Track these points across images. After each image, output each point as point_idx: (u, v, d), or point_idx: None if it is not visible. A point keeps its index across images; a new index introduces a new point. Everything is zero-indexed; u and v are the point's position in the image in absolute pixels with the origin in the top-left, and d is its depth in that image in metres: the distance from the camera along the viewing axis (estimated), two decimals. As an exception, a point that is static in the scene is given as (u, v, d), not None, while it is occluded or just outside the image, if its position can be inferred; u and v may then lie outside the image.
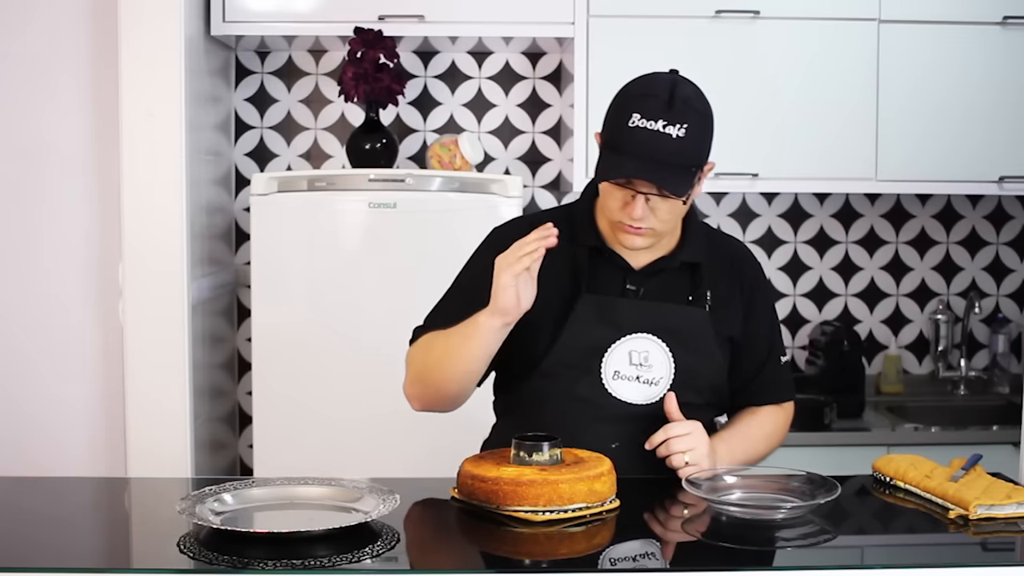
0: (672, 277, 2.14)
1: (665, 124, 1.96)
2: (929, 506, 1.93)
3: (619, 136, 1.99)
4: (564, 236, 2.06)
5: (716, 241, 2.24)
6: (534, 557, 1.77)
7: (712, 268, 2.16)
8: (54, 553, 1.73)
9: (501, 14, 3.40)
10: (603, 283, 2.12)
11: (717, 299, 2.15)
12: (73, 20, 3.27)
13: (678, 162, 1.99)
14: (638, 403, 2.10)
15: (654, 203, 2.02)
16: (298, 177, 3.20)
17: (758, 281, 2.24)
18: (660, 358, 2.10)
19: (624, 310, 2.10)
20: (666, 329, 2.10)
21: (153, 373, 3.15)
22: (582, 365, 2.09)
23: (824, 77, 3.46)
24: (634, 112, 1.98)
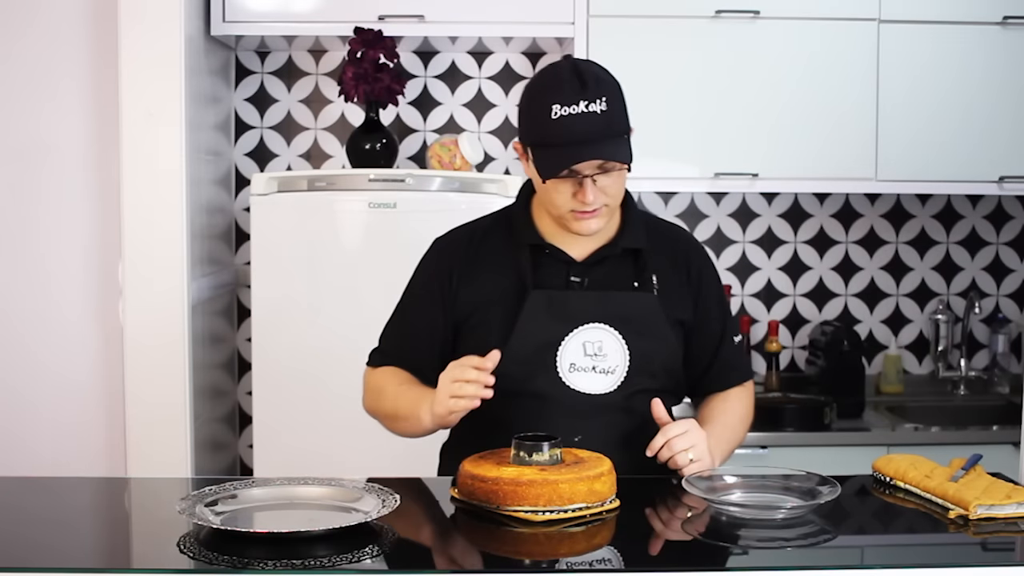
0: (615, 265, 2.16)
1: (587, 103, 2.00)
2: (929, 506, 1.93)
3: (547, 131, 2.02)
4: (504, 238, 2.15)
5: (658, 228, 2.27)
6: (534, 557, 1.77)
7: (655, 253, 2.18)
8: (54, 553, 1.73)
9: (501, 14, 3.40)
10: (548, 278, 2.14)
11: (664, 283, 2.17)
12: (73, 20, 3.27)
13: (611, 134, 2.03)
14: (597, 393, 2.11)
15: (601, 182, 2.05)
16: (298, 177, 3.20)
17: (704, 266, 2.26)
18: (614, 346, 2.11)
19: (573, 302, 2.12)
20: (617, 317, 2.12)
21: (153, 373, 3.15)
22: (537, 361, 2.10)
23: (824, 77, 3.46)
24: (552, 104, 2.01)
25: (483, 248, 2.20)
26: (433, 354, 2.20)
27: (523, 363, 2.10)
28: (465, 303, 2.17)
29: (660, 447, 2.04)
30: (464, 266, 2.18)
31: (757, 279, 3.87)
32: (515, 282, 2.13)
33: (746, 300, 3.86)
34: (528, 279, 2.13)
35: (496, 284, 2.14)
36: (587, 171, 2.03)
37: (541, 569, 1.72)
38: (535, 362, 2.10)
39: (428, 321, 2.19)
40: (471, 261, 2.19)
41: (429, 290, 2.20)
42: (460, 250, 2.21)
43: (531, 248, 2.15)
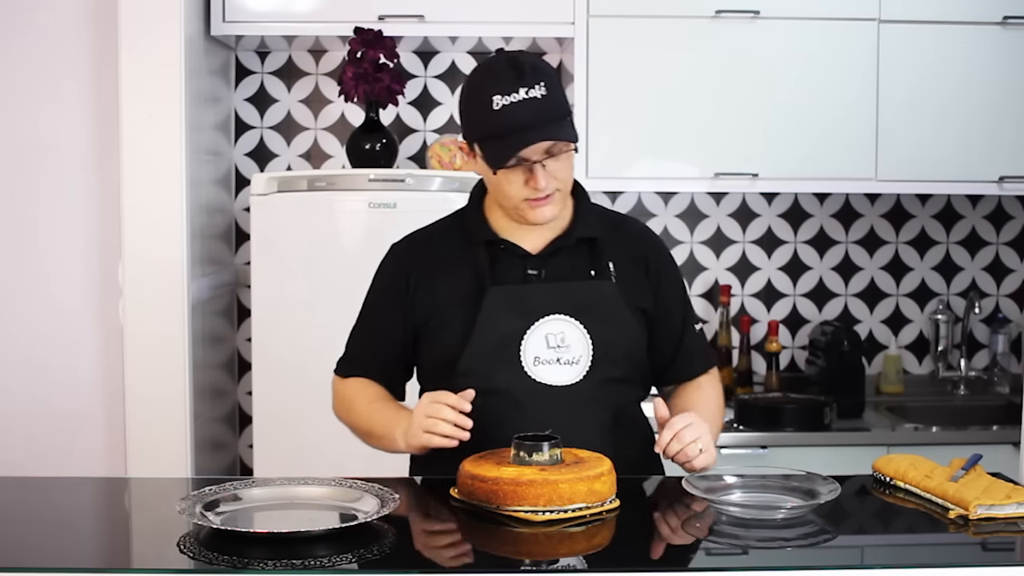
0: (571, 255, 2.17)
1: (526, 90, 2.02)
2: (929, 506, 1.93)
3: (491, 123, 2.04)
4: (459, 239, 2.17)
5: (613, 220, 2.29)
6: (534, 557, 1.77)
7: (610, 242, 2.19)
8: (54, 553, 1.73)
9: (501, 14, 3.40)
10: (505, 274, 2.15)
11: (621, 271, 2.18)
12: (73, 21, 3.27)
13: (554, 116, 2.04)
14: (562, 384, 2.11)
15: (551, 167, 2.07)
16: (298, 177, 3.20)
17: (662, 256, 2.27)
18: (576, 336, 2.12)
19: (532, 296, 2.13)
20: (576, 307, 2.13)
21: (153, 373, 3.15)
22: (500, 357, 2.11)
23: (824, 77, 3.46)
24: (492, 96, 2.03)
25: (439, 250, 2.21)
26: (397, 360, 2.24)
27: (486, 360, 2.11)
28: (424, 306, 2.18)
29: (669, 441, 2.04)
30: (421, 270, 2.20)
31: (757, 279, 3.87)
32: (473, 281, 2.14)
33: (746, 300, 3.86)
34: (485, 276, 2.13)
35: (454, 285, 2.15)
36: (535, 156, 2.05)
37: (541, 569, 1.72)
38: (498, 358, 2.11)
39: (389, 327, 2.21)
40: (427, 264, 2.20)
41: (388, 296, 2.22)
42: (416, 254, 2.23)
43: (486, 245, 2.16)
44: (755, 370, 3.77)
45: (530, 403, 2.10)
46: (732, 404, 3.52)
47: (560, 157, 2.07)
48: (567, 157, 2.09)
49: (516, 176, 2.07)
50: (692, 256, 3.84)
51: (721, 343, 3.73)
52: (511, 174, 2.07)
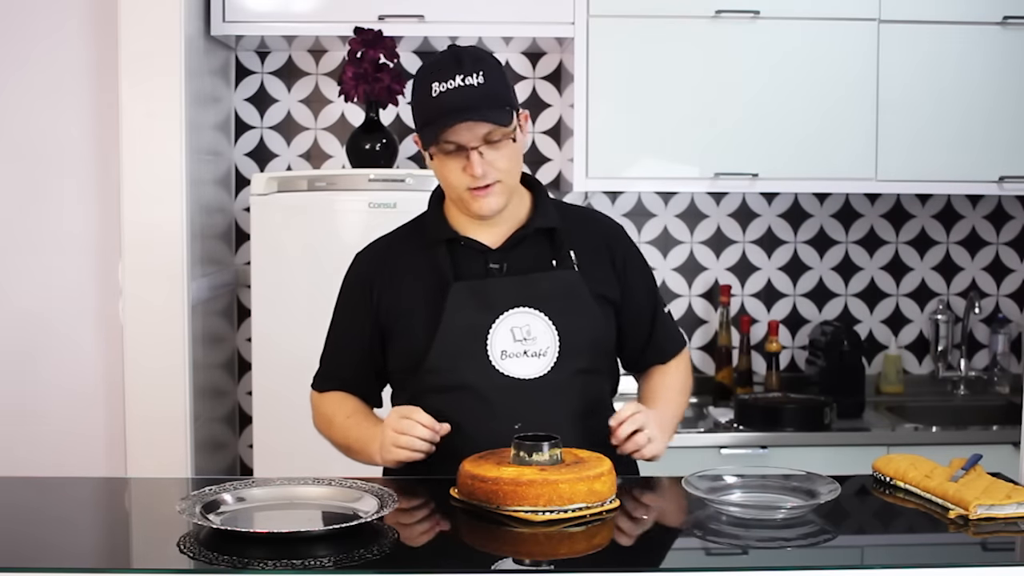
0: (531, 248, 2.18)
1: (463, 77, 2.05)
2: (929, 506, 1.93)
3: (429, 109, 2.07)
4: (420, 242, 2.19)
5: (573, 212, 2.30)
6: (534, 557, 1.77)
7: (571, 233, 2.20)
8: (54, 553, 1.73)
9: (501, 14, 3.40)
10: (466, 270, 2.16)
11: (583, 259, 2.19)
12: (74, 21, 3.27)
13: (489, 103, 2.06)
14: (531, 377, 2.12)
15: (489, 156, 2.08)
16: (298, 177, 3.20)
17: (627, 245, 2.29)
18: (542, 328, 2.13)
19: (495, 289, 2.14)
20: (540, 298, 2.14)
21: (153, 373, 3.15)
22: (467, 352, 2.11)
23: (824, 77, 3.46)
24: (431, 83, 2.06)
25: (400, 254, 2.23)
26: (369, 369, 2.25)
27: (453, 355, 2.12)
28: (389, 310, 2.19)
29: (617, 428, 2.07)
30: (384, 276, 2.21)
31: (757, 279, 3.87)
32: (435, 280, 2.15)
33: (746, 300, 3.86)
34: (447, 273, 2.15)
35: (417, 286, 2.16)
36: (471, 142, 2.06)
37: (541, 569, 1.72)
38: (465, 354, 2.12)
39: (358, 336, 2.23)
40: (390, 269, 2.21)
41: (354, 306, 2.24)
42: (378, 260, 2.24)
43: (447, 244, 2.18)
44: (755, 370, 3.77)
45: (499, 397, 2.11)
46: (732, 404, 3.52)
47: (500, 147, 2.09)
48: (509, 149, 2.10)
49: (455, 164, 2.09)
50: (692, 256, 3.84)
51: (721, 343, 3.73)
52: (449, 162, 2.09)
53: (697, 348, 3.86)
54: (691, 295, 3.84)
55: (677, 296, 3.85)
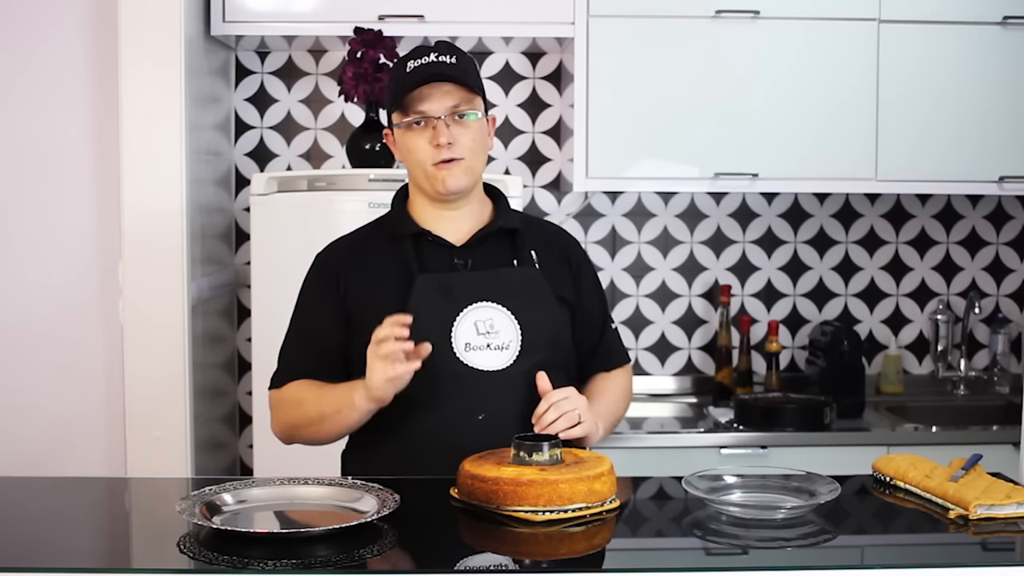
0: (494, 246, 2.24)
1: (437, 55, 2.17)
2: (929, 506, 1.93)
3: (401, 84, 2.16)
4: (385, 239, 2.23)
5: (534, 221, 2.39)
6: (534, 557, 1.77)
7: (531, 236, 2.27)
8: (54, 553, 1.73)
9: (501, 14, 3.40)
10: (431, 264, 2.20)
11: (543, 259, 2.25)
12: (73, 20, 3.27)
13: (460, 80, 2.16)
14: (494, 369, 2.15)
15: (455, 132, 2.15)
16: (298, 177, 3.20)
17: (582, 256, 2.36)
18: (504, 322, 2.17)
19: (458, 283, 2.18)
20: (502, 293, 2.18)
21: (153, 373, 3.15)
22: (432, 343, 2.11)
23: (824, 77, 3.46)
24: (407, 62, 2.18)
25: (367, 249, 2.25)
26: (336, 363, 2.22)
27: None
28: (355, 302, 2.20)
29: (544, 411, 2.08)
30: (350, 268, 2.23)
31: (757, 279, 3.87)
32: (401, 273, 2.18)
33: (746, 300, 3.86)
34: (413, 266, 2.18)
35: (383, 279, 2.19)
36: (438, 110, 2.14)
37: (541, 569, 1.72)
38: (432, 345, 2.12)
39: (324, 331, 2.23)
40: (357, 263, 2.23)
41: (319, 301, 2.25)
42: (345, 254, 2.27)
43: (413, 239, 2.22)
44: (755, 370, 3.77)
45: (464, 387, 2.14)
46: (732, 404, 3.52)
47: (466, 125, 2.16)
48: (475, 126, 2.18)
49: (422, 137, 2.16)
50: (692, 256, 3.84)
51: (721, 343, 3.73)
52: (417, 136, 2.16)
53: (697, 348, 3.86)
54: (691, 295, 3.84)
55: (677, 296, 3.85)
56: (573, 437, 2.12)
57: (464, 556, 1.79)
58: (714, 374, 3.75)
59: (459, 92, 2.16)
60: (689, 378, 3.85)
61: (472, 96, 2.17)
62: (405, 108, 2.17)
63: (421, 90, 2.14)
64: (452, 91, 2.15)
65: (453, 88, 2.15)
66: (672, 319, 3.85)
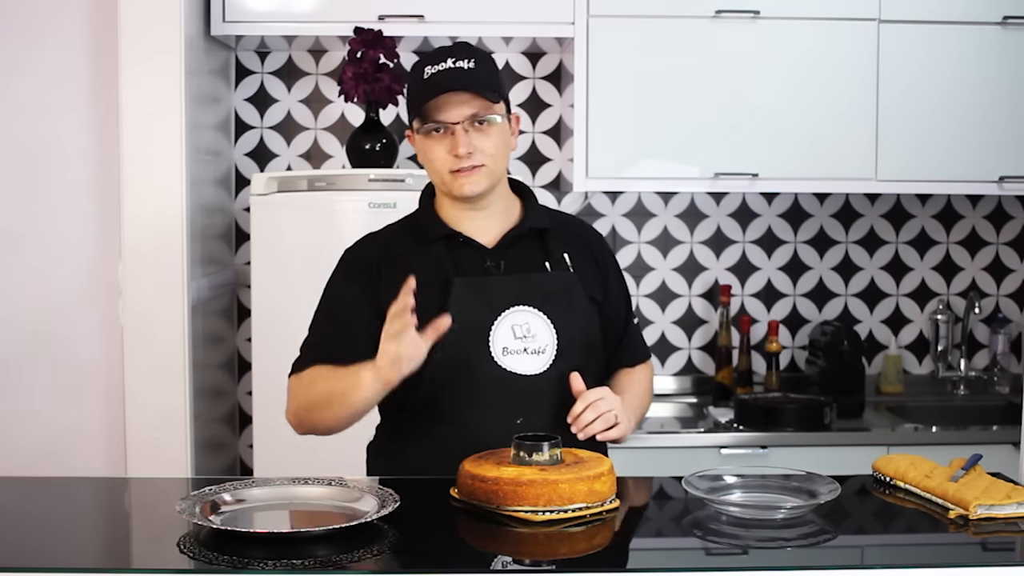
0: (526, 248, 2.22)
1: (454, 61, 2.13)
2: (929, 506, 1.93)
3: (419, 91, 2.14)
4: (414, 238, 2.21)
5: (561, 217, 2.37)
6: (534, 557, 1.77)
7: (560, 235, 2.25)
8: (54, 553, 1.73)
9: (501, 14, 3.40)
10: (464, 267, 2.18)
11: (576, 262, 2.24)
12: (74, 20, 3.27)
13: (478, 85, 2.12)
14: (532, 373, 2.14)
15: (475, 137, 2.12)
16: (298, 177, 3.20)
17: (607, 251, 2.36)
18: (541, 326, 2.16)
19: (494, 287, 2.17)
20: (538, 297, 2.17)
21: (153, 373, 3.15)
22: (471, 347, 2.13)
23: (824, 77, 3.46)
24: (425, 67, 2.14)
25: (399, 247, 2.23)
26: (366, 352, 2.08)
27: (457, 351, 2.12)
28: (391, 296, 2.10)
29: (581, 412, 2.08)
30: (387, 261, 2.21)
31: (757, 279, 3.87)
32: (436, 274, 2.15)
33: (746, 300, 3.86)
34: (449, 268, 2.16)
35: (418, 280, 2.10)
36: (456, 117, 2.11)
37: (541, 569, 1.72)
38: (469, 348, 2.13)
39: (355, 319, 2.16)
40: (392, 257, 2.21)
41: (351, 291, 2.21)
42: (374, 253, 2.24)
43: (444, 240, 2.20)
44: (755, 370, 3.77)
45: (502, 391, 2.13)
46: (732, 404, 3.52)
47: (486, 130, 2.13)
48: (495, 130, 2.14)
49: (441, 144, 2.13)
50: (692, 256, 3.84)
51: (721, 343, 3.73)
52: (436, 144, 2.13)
53: (697, 348, 3.86)
54: (691, 295, 3.84)
55: (677, 296, 3.85)
56: (610, 439, 2.13)
57: (464, 556, 1.79)
58: (714, 374, 3.75)
59: (478, 99, 2.12)
60: (689, 378, 3.85)
61: (491, 102, 2.13)
62: (424, 115, 2.14)
63: (438, 98, 2.12)
64: (470, 99, 2.12)
65: (471, 96, 2.12)
66: (672, 319, 3.85)
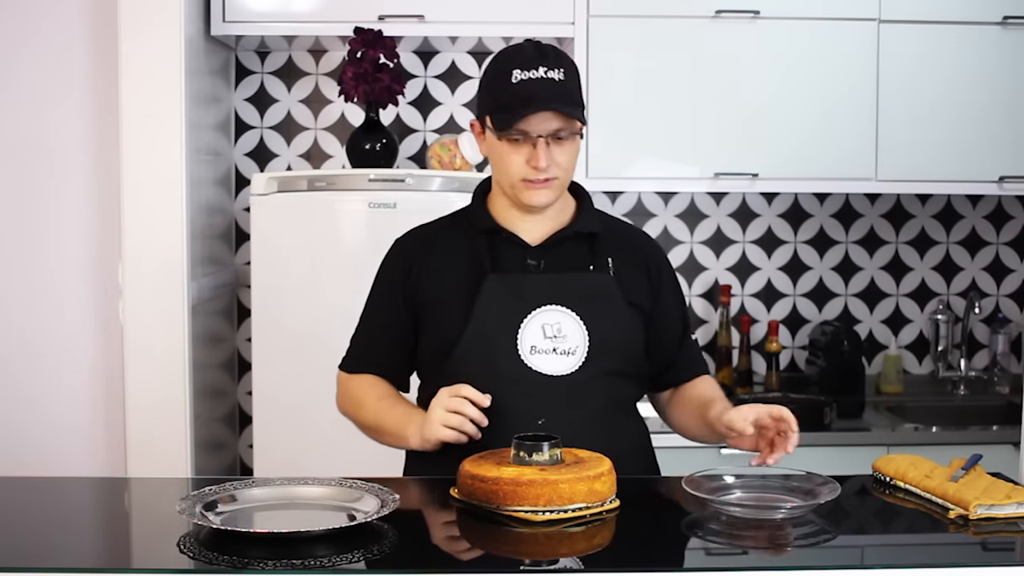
0: (571, 249, 2.19)
1: (546, 70, 2.08)
2: (929, 506, 1.93)
3: (505, 93, 2.09)
4: (462, 232, 2.20)
5: (615, 223, 2.32)
6: (534, 557, 1.77)
7: (609, 240, 2.22)
8: (54, 553, 1.73)
9: (501, 14, 3.40)
10: (503, 263, 2.17)
11: (619, 266, 2.20)
12: (73, 20, 3.27)
13: (567, 100, 2.09)
14: (559, 374, 2.12)
15: (553, 151, 2.10)
16: (298, 177, 3.20)
17: (663, 264, 2.30)
18: (572, 327, 2.13)
19: (529, 284, 2.15)
20: (572, 297, 2.14)
21: (153, 373, 3.15)
22: (498, 344, 2.12)
23: (824, 77, 3.46)
24: (513, 69, 2.08)
25: (441, 242, 2.23)
26: (401, 352, 2.24)
27: (483, 347, 2.12)
28: (424, 295, 2.19)
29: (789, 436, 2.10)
30: (422, 260, 2.22)
31: (757, 279, 3.87)
32: (472, 270, 2.16)
33: (746, 300, 3.86)
34: (485, 263, 2.15)
35: (454, 274, 2.17)
36: (541, 131, 2.08)
37: (541, 569, 1.72)
38: (496, 345, 2.12)
39: (392, 318, 2.23)
40: (429, 255, 2.22)
41: (390, 289, 2.24)
42: (419, 246, 2.25)
43: (487, 235, 2.19)
44: (755, 370, 3.77)
45: (525, 391, 2.11)
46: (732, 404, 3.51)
47: (565, 144, 2.11)
48: (572, 146, 2.12)
49: (519, 152, 2.10)
50: (692, 256, 3.84)
51: (721, 343, 3.73)
52: (514, 150, 2.10)
53: (697, 348, 3.86)
54: (691, 295, 3.84)
55: (677, 296, 3.85)
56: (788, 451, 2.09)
57: (464, 556, 1.79)
58: (714, 374, 3.75)
59: (563, 115, 2.09)
60: (689, 378, 3.84)
61: (575, 120, 2.10)
62: (505, 121, 2.09)
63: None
64: (556, 114, 2.08)
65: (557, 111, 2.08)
66: (672, 319, 3.85)
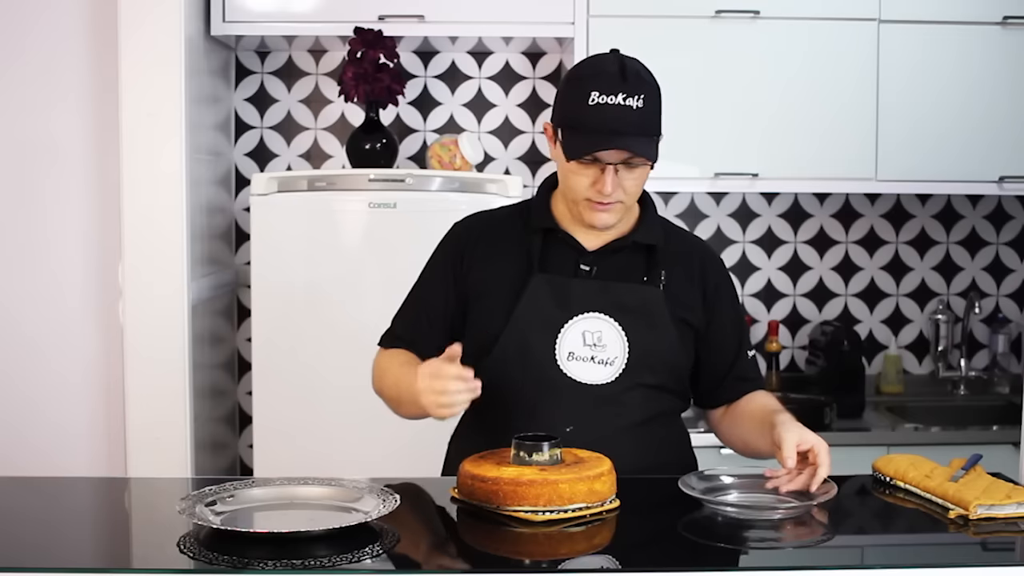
0: (627, 258, 2.17)
1: (625, 97, 2.03)
2: (929, 506, 1.93)
3: (581, 115, 2.04)
4: (520, 226, 2.18)
5: (677, 234, 2.28)
6: (534, 557, 1.77)
7: (668, 252, 2.18)
8: (54, 553, 1.73)
9: (501, 14, 3.40)
10: (556, 264, 2.15)
11: (672, 281, 2.16)
12: (73, 20, 3.27)
13: (643, 131, 2.05)
14: (594, 383, 2.10)
15: (622, 176, 2.08)
16: (298, 177, 3.20)
17: (722, 280, 2.25)
18: (613, 337, 2.11)
19: (575, 290, 2.13)
20: (618, 308, 2.12)
21: (153, 373, 3.15)
22: (536, 347, 2.10)
23: (824, 77, 3.46)
24: (592, 91, 2.03)
25: (498, 233, 2.21)
26: (438, 334, 2.19)
27: (522, 347, 2.11)
28: (474, 284, 2.17)
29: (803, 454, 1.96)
30: (476, 249, 2.20)
31: (757, 279, 3.87)
32: (523, 266, 2.14)
33: (746, 300, 3.86)
34: (535, 262, 2.13)
35: (505, 268, 2.15)
36: (612, 160, 2.05)
37: (541, 569, 1.72)
38: (534, 348, 2.11)
39: (437, 301, 2.21)
40: (484, 245, 2.20)
41: (441, 272, 2.22)
42: (475, 233, 2.23)
43: (544, 234, 2.16)
44: (755, 370, 3.77)
45: (557, 397, 2.09)
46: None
47: (635, 169, 2.08)
48: (642, 172, 2.10)
49: (587, 173, 2.08)
50: (692, 256, 3.84)
51: (721, 343, 3.73)
52: (583, 170, 2.08)
53: (697, 348, 3.86)
54: (691, 295, 3.84)
55: (677, 296, 3.85)
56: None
57: (464, 556, 1.79)
58: (714, 374, 3.75)
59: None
60: (689, 378, 3.85)
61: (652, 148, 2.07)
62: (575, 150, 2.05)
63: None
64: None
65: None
66: (672, 319, 3.85)
